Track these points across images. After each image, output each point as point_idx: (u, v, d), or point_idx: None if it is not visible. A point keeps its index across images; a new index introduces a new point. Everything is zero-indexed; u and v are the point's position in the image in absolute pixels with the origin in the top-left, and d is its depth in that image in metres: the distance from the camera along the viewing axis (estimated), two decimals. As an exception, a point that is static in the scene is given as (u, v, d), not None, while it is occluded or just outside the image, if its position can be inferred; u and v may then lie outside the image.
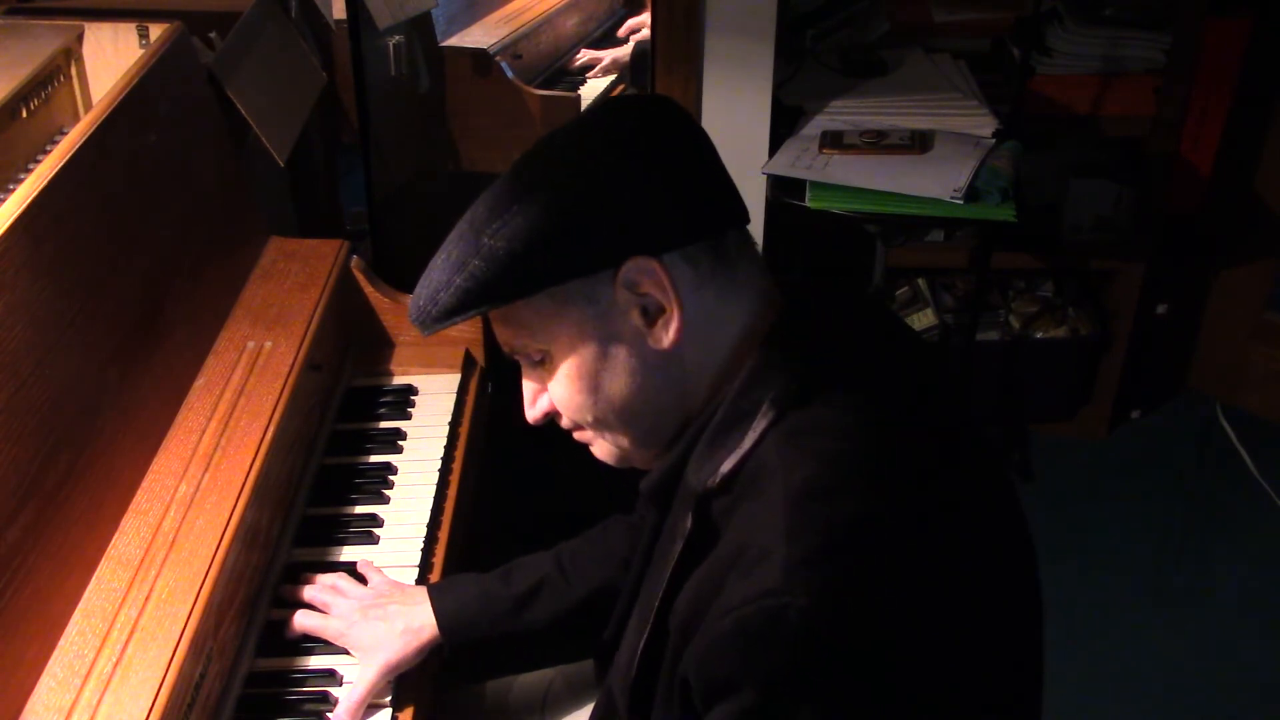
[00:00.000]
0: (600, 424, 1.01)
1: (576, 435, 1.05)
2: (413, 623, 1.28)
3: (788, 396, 0.92)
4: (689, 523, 0.95)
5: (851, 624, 0.84)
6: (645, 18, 2.83)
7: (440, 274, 0.94)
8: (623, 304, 0.94)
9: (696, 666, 0.89)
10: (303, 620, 1.30)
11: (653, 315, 0.94)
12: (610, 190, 0.92)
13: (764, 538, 0.87)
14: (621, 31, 2.85)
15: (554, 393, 1.01)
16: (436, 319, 0.95)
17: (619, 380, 0.97)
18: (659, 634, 0.96)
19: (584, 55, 2.81)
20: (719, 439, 0.94)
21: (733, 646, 0.85)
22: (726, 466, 0.93)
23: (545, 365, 1.00)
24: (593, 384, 0.97)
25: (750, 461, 0.92)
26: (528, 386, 1.05)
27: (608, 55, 2.81)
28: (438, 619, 1.28)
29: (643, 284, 0.93)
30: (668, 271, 0.92)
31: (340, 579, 1.35)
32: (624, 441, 1.02)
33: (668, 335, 0.94)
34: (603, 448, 1.05)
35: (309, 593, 1.33)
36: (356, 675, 1.24)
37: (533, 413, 1.05)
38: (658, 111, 0.97)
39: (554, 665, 1.44)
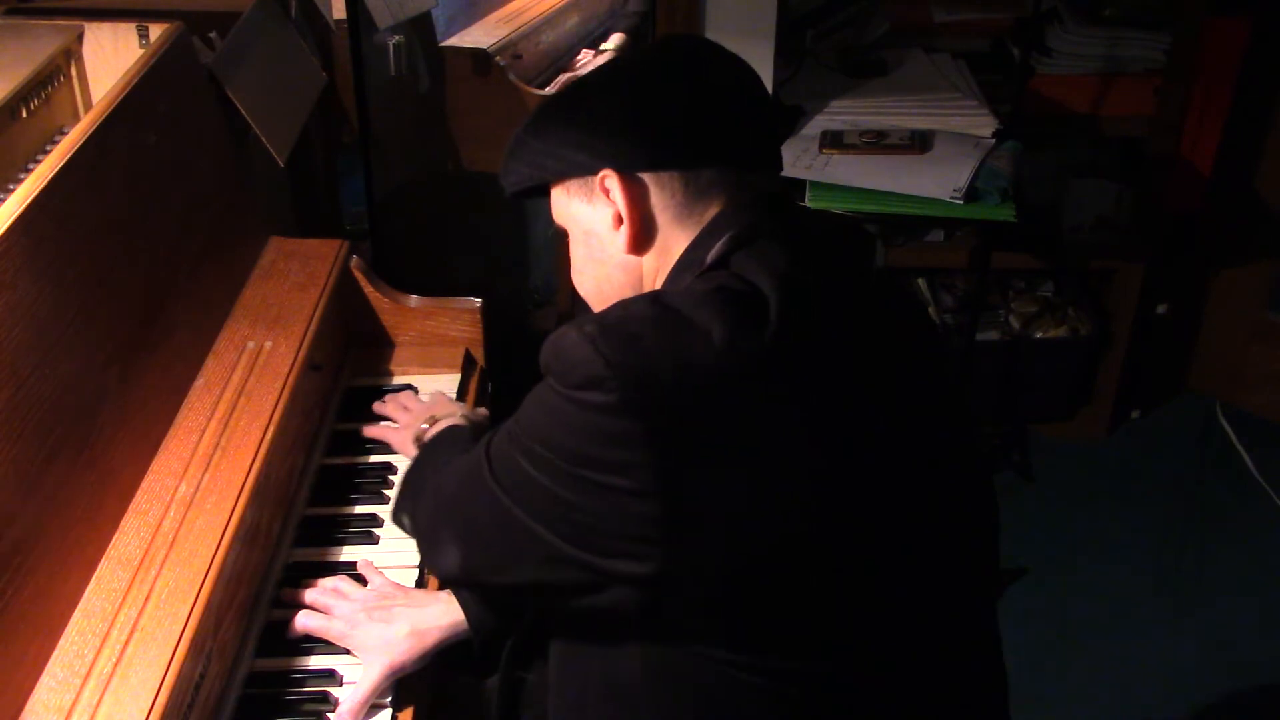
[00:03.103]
0: (587, 300, 1.19)
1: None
2: (419, 625, 1.28)
3: (721, 249, 1.04)
4: None
5: (633, 366, 0.95)
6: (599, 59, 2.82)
7: (506, 154, 1.18)
8: (602, 206, 1.10)
9: None
10: (305, 621, 1.30)
11: (620, 222, 1.09)
12: (599, 110, 1.10)
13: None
14: (579, 63, 2.82)
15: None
16: (506, 188, 1.19)
17: (594, 266, 1.15)
18: None
19: (585, 56, 2.81)
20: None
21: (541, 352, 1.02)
22: None
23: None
24: (580, 265, 1.17)
25: None
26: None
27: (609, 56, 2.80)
28: (468, 616, 1.29)
29: (611, 192, 1.08)
30: (628, 187, 1.07)
31: (341, 581, 1.35)
32: None
33: (622, 239, 1.10)
34: None
35: (310, 595, 1.33)
36: (359, 677, 1.24)
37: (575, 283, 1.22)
38: (680, 48, 1.14)
39: None
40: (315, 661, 1.28)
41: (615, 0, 2.99)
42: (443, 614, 1.30)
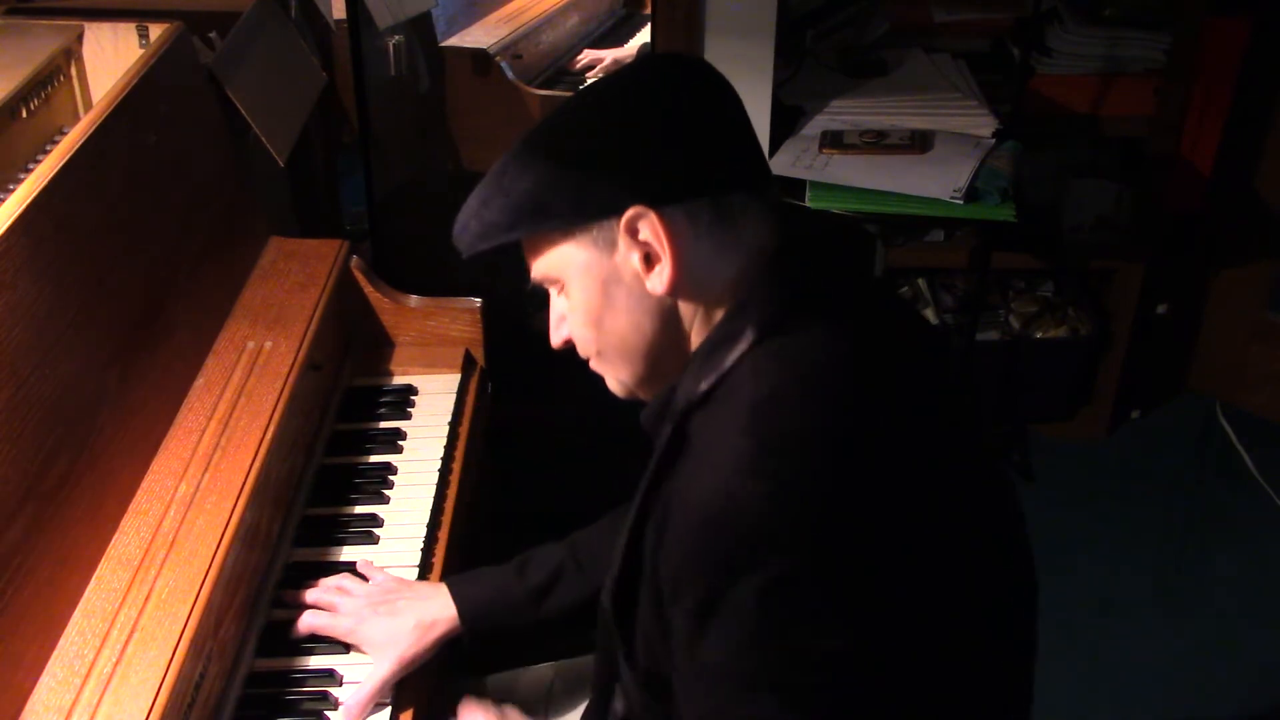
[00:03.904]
0: (603, 357, 1.08)
1: (591, 366, 1.11)
2: (424, 617, 1.28)
3: (770, 322, 0.99)
4: (668, 432, 1.01)
5: (801, 513, 0.89)
6: (602, 53, 2.82)
7: (471, 204, 1.05)
8: (625, 249, 1.00)
9: (664, 565, 0.95)
10: (310, 620, 1.30)
11: (652, 263, 1.00)
12: (617, 143, 0.99)
13: (725, 436, 0.94)
14: (579, 63, 2.82)
15: (569, 324, 1.08)
16: (467, 246, 1.06)
17: (619, 318, 1.03)
18: (638, 545, 1.02)
19: (585, 56, 2.81)
20: (704, 362, 1.01)
21: (690, 537, 0.92)
22: (705, 384, 0.99)
23: (565, 296, 1.07)
24: (596, 319, 1.04)
25: (728, 380, 0.99)
26: (553, 313, 1.11)
27: (609, 55, 2.81)
28: (458, 608, 1.29)
29: (642, 232, 0.98)
30: (665, 223, 0.98)
31: (344, 579, 1.35)
32: (624, 375, 1.09)
33: (662, 282, 1.00)
34: (610, 380, 1.11)
35: (313, 595, 1.33)
36: (368, 672, 1.25)
37: (555, 338, 1.12)
38: (680, 69, 1.04)
39: (577, 656, 1.46)
40: (315, 661, 1.28)
41: (615, 0, 3.00)
42: (446, 606, 1.30)
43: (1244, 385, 2.98)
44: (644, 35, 2.84)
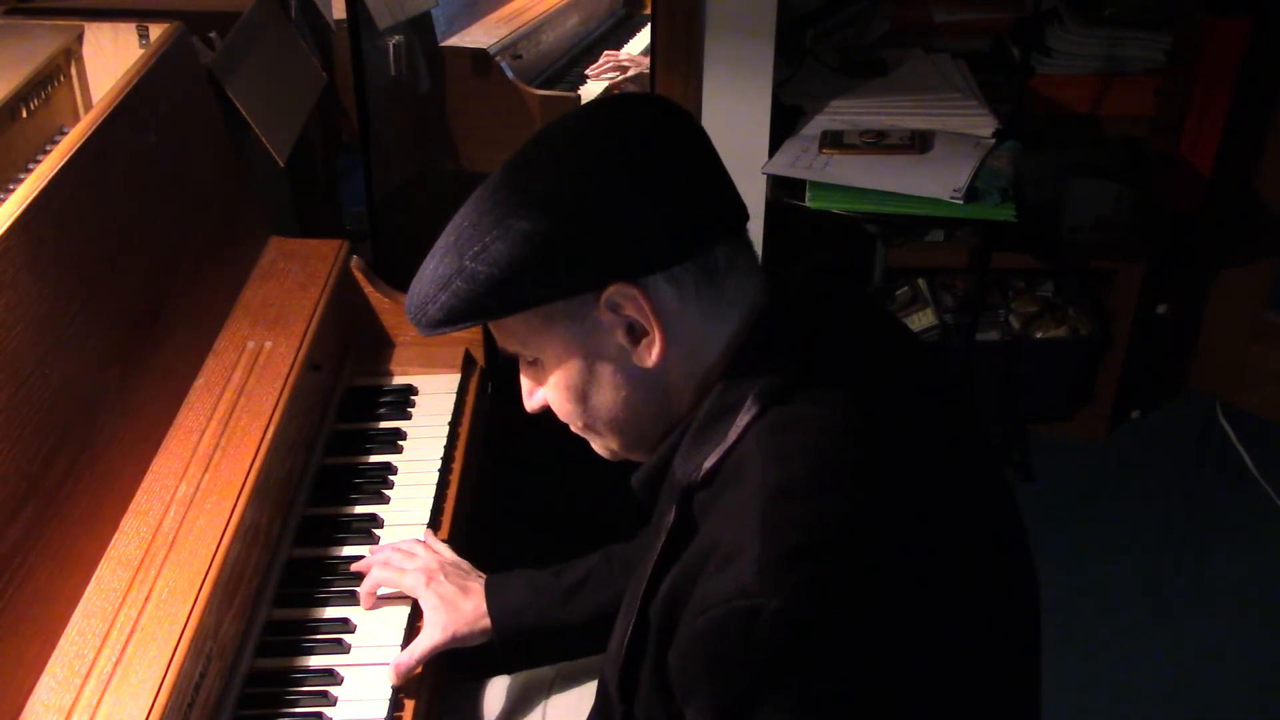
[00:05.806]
0: (590, 429, 1.04)
1: (573, 430, 1.07)
2: (482, 606, 1.30)
3: (772, 392, 0.94)
4: (672, 516, 0.97)
5: (823, 626, 0.86)
6: (602, 61, 2.80)
7: (428, 286, 0.96)
8: (607, 324, 0.95)
9: (675, 662, 0.92)
10: (379, 575, 1.33)
11: (637, 335, 0.95)
12: (592, 218, 0.91)
13: (739, 534, 0.88)
14: (594, 73, 2.80)
15: (547, 396, 1.04)
16: (426, 326, 0.97)
17: (605, 393, 0.99)
18: (643, 624, 0.99)
19: (607, 59, 2.78)
20: (704, 434, 0.96)
21: (706, 646, 0.87)
22: (709, 461, 0.94)
23: (539, 367, 1.03)
24: (580, 395, 1.00)
25: (732, 456, 0.94)
26: (525, 381, 1.07)
27: (610, 60, 2.80)
28: (489, 608, 1.30)
29: (625, 307, 0.94)
30: (649, 296, 0.93)
31: (414, 545, 1.38)
32: (614, 446, 1.06)
33: (651, 356, 0.95)
34: (598, 447, 1.09)
35: (384, 554, 1.36)
36: (421, 636, 1.28)
37: (530, 404, 1.07)
38: (649, 121, 0.96)
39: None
40: (315, 661, 1.28)
41: (615, 0, 3.00)
42: None
43: (1244, 385, 2.98)
44: (644, 35, 2.84)
